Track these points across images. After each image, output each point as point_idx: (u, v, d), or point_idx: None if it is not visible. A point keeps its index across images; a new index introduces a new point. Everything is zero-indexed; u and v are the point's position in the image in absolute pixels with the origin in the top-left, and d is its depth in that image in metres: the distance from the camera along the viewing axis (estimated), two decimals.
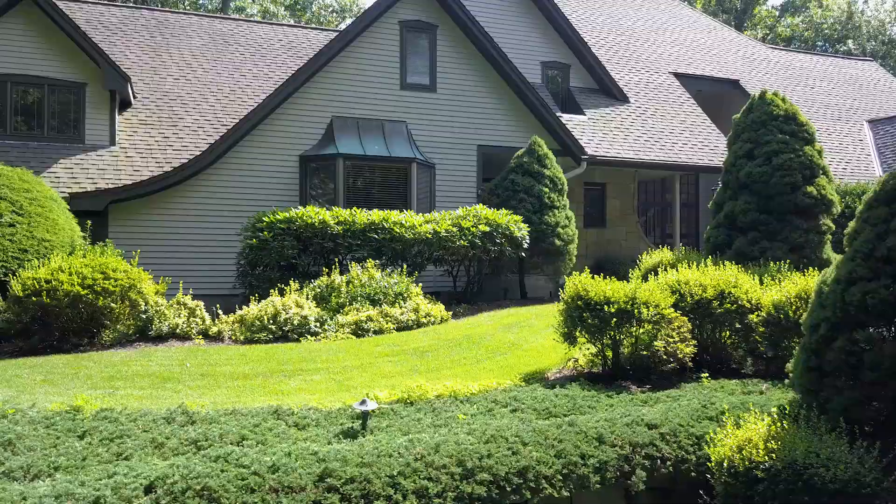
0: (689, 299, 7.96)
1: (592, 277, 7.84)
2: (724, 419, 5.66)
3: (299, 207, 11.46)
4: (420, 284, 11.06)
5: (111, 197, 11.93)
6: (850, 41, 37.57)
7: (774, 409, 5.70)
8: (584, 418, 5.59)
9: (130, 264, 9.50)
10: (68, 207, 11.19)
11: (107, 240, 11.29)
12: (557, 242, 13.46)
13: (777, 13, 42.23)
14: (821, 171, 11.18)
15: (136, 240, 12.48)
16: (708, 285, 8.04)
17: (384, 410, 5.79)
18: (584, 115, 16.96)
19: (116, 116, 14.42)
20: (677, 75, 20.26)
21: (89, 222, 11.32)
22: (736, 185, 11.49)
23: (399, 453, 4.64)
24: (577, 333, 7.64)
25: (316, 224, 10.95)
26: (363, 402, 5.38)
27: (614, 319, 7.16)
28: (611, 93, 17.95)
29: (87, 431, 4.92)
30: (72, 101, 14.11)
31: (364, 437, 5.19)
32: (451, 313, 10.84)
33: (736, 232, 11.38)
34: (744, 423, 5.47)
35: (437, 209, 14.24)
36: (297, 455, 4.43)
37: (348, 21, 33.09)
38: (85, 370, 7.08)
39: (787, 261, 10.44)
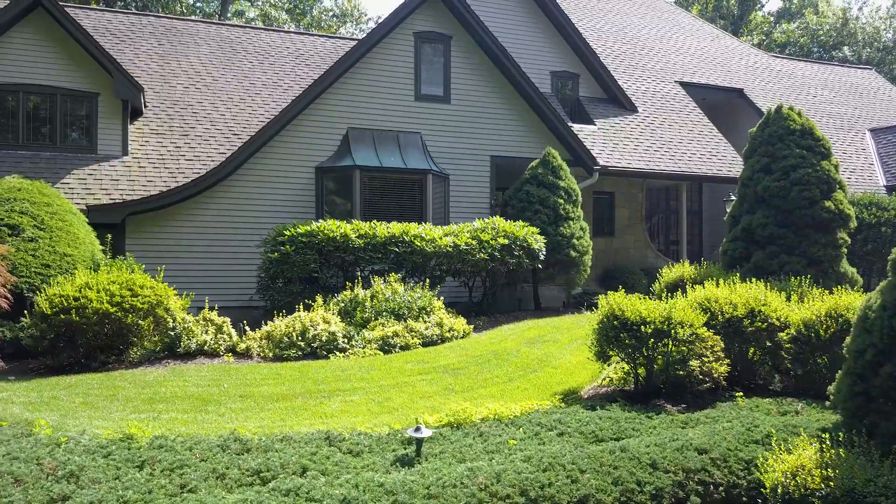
0: (720, 318, 8.03)
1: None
2: (771, 443, 5.71)
3: (319, 221, 11.45)
4: (441, 298, 11.07)
5: (129, 209, 11.87)
6: (845, 48, 37.91)
7: (819, 432, 5.77)
8: (633, 443, 5.63)
9: (155, 279, 9.47)
10: (87, 221, 11.12)
11: (127, 253, 11.25)
12: (573, 254, 13.51)
13: (773, 19, 42.56)
14: (837, 186, 11.30)
15: (152, 251, 12.44)
16: (738, 304, 8.11)
17: (433, 435, 5.81)
18: (595, 124, 17.03)
19: (129, 126, 14.36)
20: (683, 84, 20.38)
21: (109, 236, 11.26)
22: (753, 199, 11.59)
23: (462, 483, 4.66)
24: (611, 352, 7.68)
25: (337, 238, 10.94)
26: (417, 430, 5.39)
27: (651, 340, 7.20)
28: (619, 102, 18.03)
29: (146, 462, 4.91)
30: (84, 111, 14.02)
31: (420, 464, 5.20)
32: (472, 327, 10.87)
33: (754, 245, 11.48)
34: (793, 448, 5.53)
35: (451, 218, 14.29)
36: (364, 487, 4.44)
37: (349, 26, 33.11)
38: (122, 391, 7.05)
39: (807, 276, 10.57)
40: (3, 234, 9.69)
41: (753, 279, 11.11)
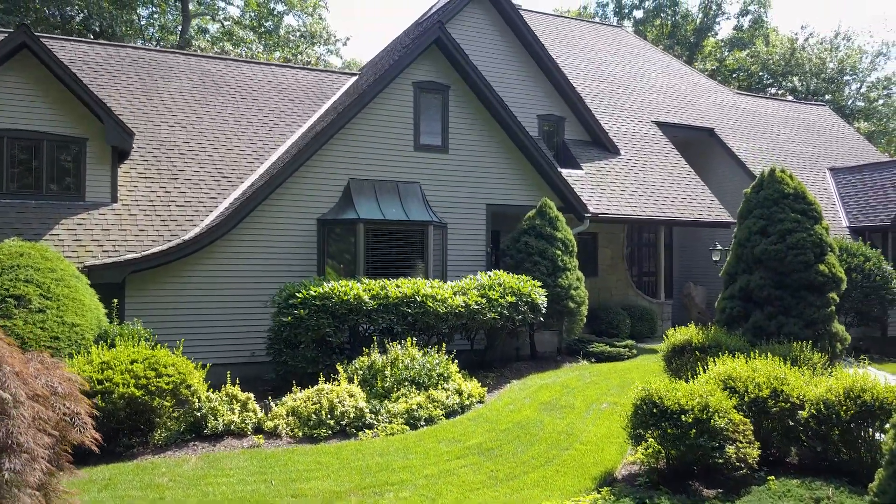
0: (746, 398, 8.36)
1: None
2: None
3: (330, 282, 11.36)
4: (451, 354, 11.14)
5: (130, 268, 11.52)
6: (794, 78, 39.63)
7: None
8: None
9: (173, 352, 9.25)
10: (89, 283, 10.76)
11: (135, 319, 10.93)
12: (571, 305, 13.78)
13: (726, 49, 44.15)
14: (829, 249, 11.86)
15: (153, 309, 12.11)
16: (761, 383, 8.45)
17: None
18: (582, 168, 17.39)
19: (118, 172, 13.94)
20: (659, 124, 20.99)
21: (115, 301, 10.92)
22: (751, 260, 12.06)
23: None
24: (648, 435, 7.91)
25: (351, 300, 10.89)
26: None
27: (693, 431, 7.45)
28: (603, 145, 18.46)
29: None
30: (72, 157, 13.54)
31: None
32: (485, 389, 10.98)
33: (752, 305, 11.95)
34: None
35: (449, 266, 14.38)
36: None
37: (319, 48, 32.76)
38: (168, 492, 6.88)
39: (805, 338, 11.10)
40: (9, 305, 9.30)
41: (753, 338, 11.59)
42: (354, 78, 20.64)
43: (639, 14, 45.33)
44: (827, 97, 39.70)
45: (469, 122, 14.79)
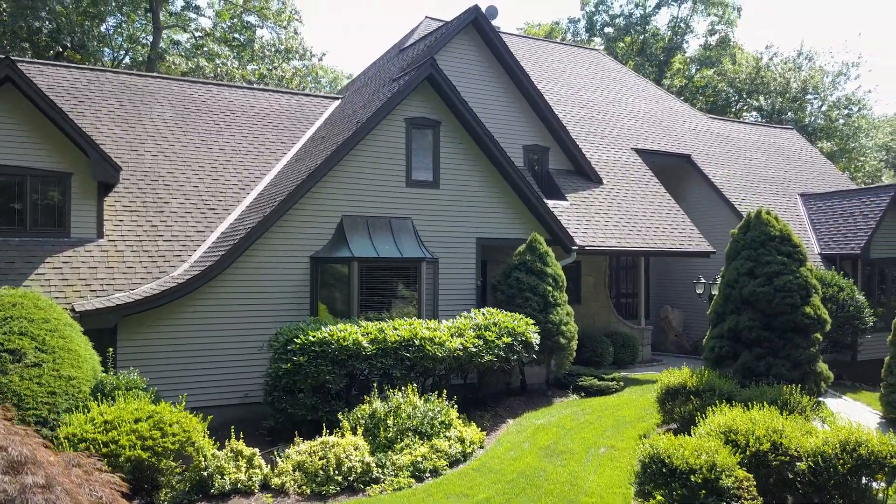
0: (748, 451, 8.60)
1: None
2: None
3: (328, 326, 11.31)
4: (446, 391, 11.20)
5: (123, 312, 11.30)
6: (761, 97, 40.69)
7: None
8: None
9: (175, 406, 9.12)
10: (82, 330, 10.52)
11: (130, 367, 10.73)
12: (562, 341, 13.96)
13: (693, 63, 45.10)
14: (814, 291, 12.25)
15: (146, 353, 11.90)
16: (762, 436, 8.71)
17: None
18: (567, 200, 17.61)
19: (104, 206, 13.67)
20: (638, 151, 21.37)
21: (111, 350, 10.71)
22: (739, 300, 12.39)
23: None
24: (657, 493, 8.08)
25: (350, 346, 10.87)
26: None
27: (702, 491, 7.64)
28: (586, 174, 18.72)
29: None
30: (56, 192, 13.23)
31: None
32: (483, 432, 11.06)
33: (740, 345, 12.28)
34: None
35: (440, 300, 14.43)
36: None
37: (295, 62, 32.47)
38: None
39: (793, 380, 11.46)
40: (4, 360, 9.05)
41: (743, 378, 11.90)
42: (337, 102, 20.57)
43: (609, 30, 46.03)
44: (789, 114, 40.83)
45: (460, 157, 14.87)
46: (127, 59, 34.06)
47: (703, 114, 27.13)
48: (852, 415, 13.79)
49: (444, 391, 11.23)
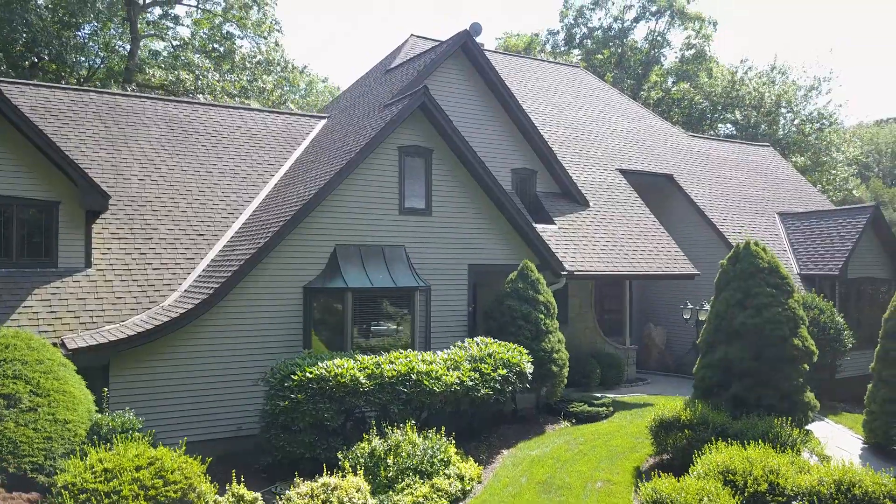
0: (746, 492, 8.78)
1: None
2: None
3: (324, 361, 11.27)
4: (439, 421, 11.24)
5: (116, 349, 11.13)
6: (736, 111, 41.41)
7: None
8: None
9: (175, 450, 9.02)
10: (76, 369, 10.35)
11: (126, 407, 10.57)
12: (554, 368, 14.08)
13: (669, 75, 45.73)
14: (801, 322, 12.52)
15: (138, 388, 11.74)
16: (759, 476, 8.89)
17: None
18: (555, 223, 17.76)
19: (92, 235, 13.46)
20: (623, 171, 21.63)
21: (106, 390, 10.55)
22: (729, 331, 12.60)
23: None
24: None
25: (348, 382, 10.85)
26: None
27: None
28: (573, 197, 18.89)
29: None
30: (43, 221, 13.00)
31: None
32: (480, 467, 11.12)
33: (730, 375, 12.49)
34: None
35: (432, 328, 14.46)
36: None
37: (276, 75, 32.21)
38: None
39: (782, 411, 11.71)
40: None
41: (733, 409, 12.10)
42: (323, 121, 20.49)
43: (588, 43, 46.47)
44: (763, 127, 41.59)
45: (452, 184, 14.92)
46: (103, 68, 33.49)
47: (684, 132, 27.55)
48: (837, 440, 14.12)
49: (443, 427, 11.24)
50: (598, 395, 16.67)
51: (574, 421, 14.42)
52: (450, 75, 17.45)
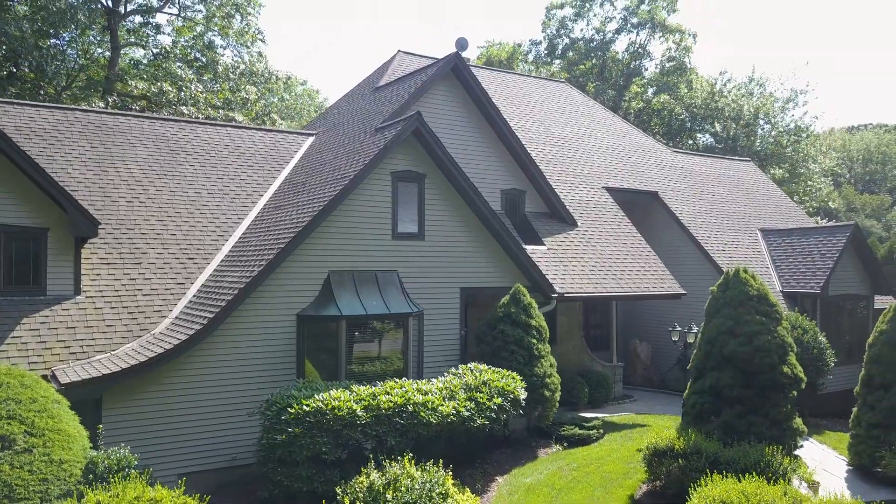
0: None
1: None
2: None
3: (321, 393, 11.23)
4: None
5: (109, 382, 11.00)
6: (716, 123, 41.99)
7: None
8: None
9: (174, 490, 8.93)
10: (69, 405, 10.20)
11: (122, 445, 10.45)
12: (546, 393, 14.17)
13: (650, 85, 46.24)
14: (790, 349, 12.75)
15: (131, 421, 11.59)
16: None
17: None
18: (544, 244, 17.88)
19: (81, 262, 13.27)
20: (609, 189, 21.84)
21: (100, 427, 10.41)
22: (720, 357, 12.79)
23: None
24: None
25: (345, 416, 10.82)
26: None
27: None
28: (561, 217, 19.03)
29: None
30: (31, 249, 12.81)
31: None
32: (477, 498, 11.16)
33: (721, 402, 12.68)
34: None
35: (425, 352, 14.48)
36: None
37: (262, 81, 31.98)
38: None
39: (773, 439, 11.91)
40: None
41: (724, 436, 12.27)
42: (311, 139, 20.42)
43: (571, 54, 46.80)
44: (741, 138, 42.23)
45: (443, 208, 14.96)
46: (83, 77, 33.00)
47: (667, 147, 27.88)
48: (823, 462, 14.40)
49: (440, 460, 11.25)
50: (588, 414, 16.83)
51: (566, 444, 14.52)
52: (439, 96, 17.48)
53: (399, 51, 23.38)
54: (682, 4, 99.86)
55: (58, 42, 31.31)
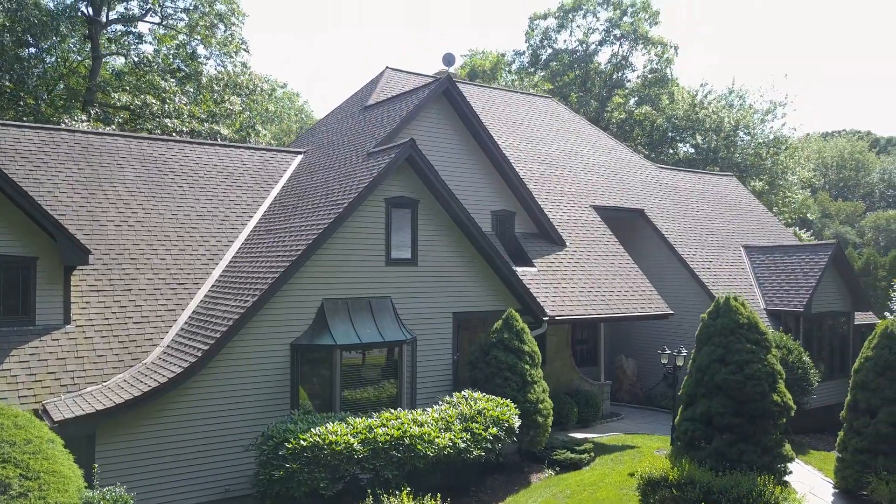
0: None
1: None
2: None
3: (317, 427, 11.20)
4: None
5: (103, 418, 10.86)
6: (697, 135, 42.51)
7: None
8: None
9: None
10: (63, 443, 10.06)
11: (118, 484, 10.33)
12: (539, 419, 14.26)
13: (632, 95, 46.69)
14: (780, 377, 12.96)
15: (125, 456, 11.45)
16: None
17: None
18: (534, 266, 17.99)
19: (70, 290, 13.10)
20: (596, 208, 22.01)
21: (95, 466, 10.28)
22: (711, 385, 12.96)
23: None
24: None
25: (343, 450, 10.81)
26: None
27: None
28: (550, 237, 19.16)
29: None
30: (20, 277, 12.61)
31: None
32: None
33: (713, 429, 12.85)
34: None
35: (418, 378, 14.50)
36: None
37: (246, 93, 31.74)
38: None
39: (764, 467, 12.11)
40: None
41: (716, 464, 12.44)
42: (300, 157, 20.34)
43: (554, 64, 47.10)
44: (721, 150, 42.80)
45: (436, 233, 14.99)
46: (63, 87, 32.53)
47: (652, 164, 28.16)
48: (810, 485, 14.64)
49: (438, 494, 11.28)
50: (578, 435, 16.95)
51: (558, 469, 14.60)
52: (430, 118, 17.50)
53: (387, 67, 23.39)
54: (667, 13, 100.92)
55: (36, 51, 30.84)
